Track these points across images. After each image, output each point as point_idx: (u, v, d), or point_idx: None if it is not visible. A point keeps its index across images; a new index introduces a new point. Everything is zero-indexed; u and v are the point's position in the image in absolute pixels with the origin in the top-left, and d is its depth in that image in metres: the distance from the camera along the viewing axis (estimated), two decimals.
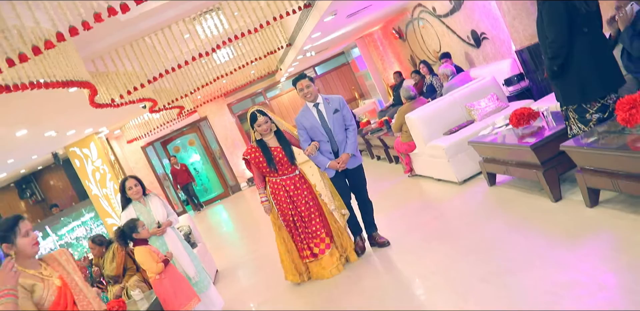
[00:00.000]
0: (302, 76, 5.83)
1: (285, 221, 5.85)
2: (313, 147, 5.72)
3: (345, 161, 5.76)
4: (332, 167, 5.80)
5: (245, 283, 7.27)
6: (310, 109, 5.82)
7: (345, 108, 5.85)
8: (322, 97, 5.84)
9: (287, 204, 5.81)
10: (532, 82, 7.78)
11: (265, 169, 5.79)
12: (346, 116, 5.82)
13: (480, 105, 7.34)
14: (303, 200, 5.84)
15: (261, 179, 5.91)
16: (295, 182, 5.86)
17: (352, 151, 5.81)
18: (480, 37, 9.66)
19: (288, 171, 5.83)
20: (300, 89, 5.79)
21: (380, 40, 15.67)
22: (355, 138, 5.84)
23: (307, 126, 5.79)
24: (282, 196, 5.82)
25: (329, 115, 5.76)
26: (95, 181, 12.95)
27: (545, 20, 4.45)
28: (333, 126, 5.75)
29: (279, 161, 5.76)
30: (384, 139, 10.18)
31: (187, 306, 5.47)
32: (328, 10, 7.85)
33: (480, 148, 6.03)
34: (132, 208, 6.04)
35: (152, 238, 5.91)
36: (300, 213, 5.83)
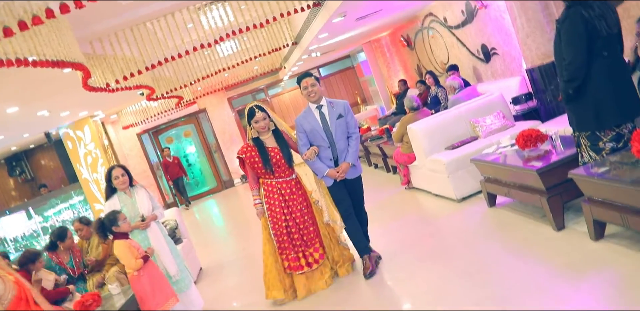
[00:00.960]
0: (308, 74, 5.56)
1: (275, 229, 5.50)
2: (312, 152, 5.43)
3: (345, 171, 5.47)
4: (330, 175, 5.50)
5: (229, 283, 7.12)
6: (312, 111, 5.52)
7: (350, 114, 5.56)
8: (327, 101, 5.55)
9: (282, 208, 5.50)
10: (541, 103, 7.64)
11: (261, 170, 5.50)
12: (350, 123, 5.53)
13: (485, 122, 7.20)
14: (298, 205, 5.54)
15: (255, 181, 5.59)
16: (292, 186, 5.57)
17: (353, 160, 5.52)
18: (490, 52, 9.54)
19: (285, 174, 5.55)
20: (304, 87, 5.49)
21: (388, 46, 15.53)
22: (357, 147, 5.58)
23: (307, 128, 5.49)
24: (277, 199, 5.52)
25: (332, 120, 5.46)
26: (87, 164, 12.79)
27: (563, 40, 4.28)
28: (335, 132, 5.46)
29: (276, 162, 5.46)
30: (383, 148, 10.05)
31: (164, 306, 5.30)
32: (337, 11, 7.67)
33: (482, 167, 5.88)
34: (117, 199, 5.84)
35: (134, 231, 5.73)
36: (295, 218, 5.52)
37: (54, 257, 6.34)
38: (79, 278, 6.43)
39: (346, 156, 5.51)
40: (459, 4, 10.10)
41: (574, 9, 4.22)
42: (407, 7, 10.35)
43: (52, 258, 6.33)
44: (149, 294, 5.26)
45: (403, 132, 7.87)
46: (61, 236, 6.42)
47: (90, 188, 12.85)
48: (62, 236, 6.42)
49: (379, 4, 8.42)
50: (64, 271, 6.32)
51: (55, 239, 6.39)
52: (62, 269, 6.31)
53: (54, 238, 6.40)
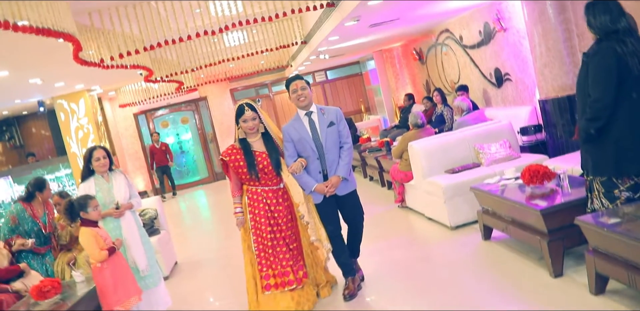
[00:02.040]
0: (298, 77, 5.12)
1: (258, 242, 4.97)
2: (299, 164, 4.91)
3: (334, 185, 4.98)
4: (318, 191, 5.01)
5: (203, 282, 6.89)
6: (301, 119, 5.07)
7: (343, 123, 5.11)
8: (317, 107, 5.11)
9: (267, 219, 4.98)
10: (550, 137, 7.41)
11: (245, 176, 4.98)
12: (342, 132, 5.07)
13: (490, 149, 6.97)
14: (284, 218, 5.04)
15: (238, 187, 5.09)
16: (278, 196, 5.06)
17: (345, 174, 5.01)
18: (503, 76, 9.32)
19: (272, 182, 5.04)
20: (293, 90, 5.02)
21: (399, 58, 15.31)
22: (350, 159, 5.11)
23: (295, 137, 5.01)
24: (262, 209, 5.00)
25: (322, 128, 5.00)
26: (77, 139, 12.53)
27: (591, 75, 3.96)
28: (325, 141, 4.98)
29: (263, 168, 4.96)
30: (380, 161, 9.80)
31: (124, 304, 5.00)
32: (351, 15, 7.36)
33: (482, 197, 5.65)
34: (93, 182, 5.51)
35: (107, 218, 5.43)
36: (280, 231, 5.01)
37: (28, 209, 6.11)
38: (46, 241, 6.22)
39: (337, 169, 5.01)
40: (477, 24, 9.89)
41: (607, 43, 3.93)
42: (424, 20, 10.09)
43: (27, 209, 6.11)
44: (110, 289, 4.98)
45: (403, 148, 7.65)
46: (39, 186, 6.21)
47: (78, 162, 12.51)
48: (41, 186, 6.21)
49: (396, 12, 8.13)
50: (36, 224, 6.11)
51: (32, 190, 6.18)
52: (34, 222, 6.10)
53: (32, 188, 6.18)
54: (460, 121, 8.20)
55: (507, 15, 8.79)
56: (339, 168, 5.02)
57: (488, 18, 9.42)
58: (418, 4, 7.83)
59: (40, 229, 6.16)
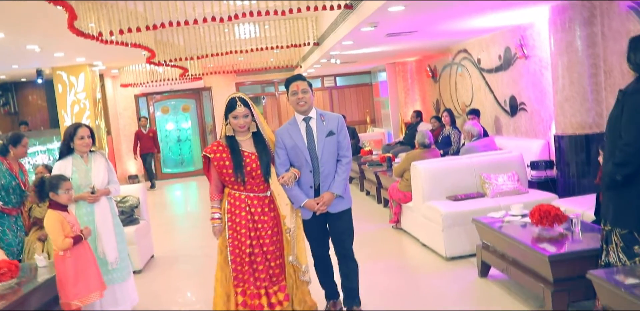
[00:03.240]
0: (301, 77, 4.58)
1: (235, 254, 4.39)
2: (291, 176, 4.41)
3: (327, 203, 4.47)
4: (308, 207, 4.50)
5: (178, 280, 6.60)
6: (298, 124, 4.55)
7: (344, 133, 4.59)
8: (317, 112, 4.59)
9: (248, 230, 4.38)
10: (561, 175, 7.08)
11: (229, 178, 4.38)
12: (342, 143, 4.55)
13: (497, 180, 6.65)
14: (268, 230, 4.44)
15: (219, 190, 4.51)
16: (263, 205, 4.47)
17: (340, 191, 4.50)
18: (518, 105, 9.00)
19: (258, 188, 4.45)
20: (293, 92, 4.50)
21: (412, 73, 15.00)
22: (348, 175, 4.59)
23: (288, 144, 4.50)
24: (243, 217, 4.40)
25: (320, 137, 4.49)
26: (72, 113, 12.28)
27: (626, 115, 3.55)
28: (322, 152, 4.48)
29: (250, 172, 4.36)
30: (380, 177, 9.48)
31: (82, 299, 4.65)
32: (369, 19, 6.95)
33: (484, 231, 5.32)
34: (70, 161, 5.17)
35: (80, 202, 5.07)
36: (262, 245, 4.42)
37: (4, 162, 5.81)
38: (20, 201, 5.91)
39: (332, 185, 4.50)
40: (497, 48, 9.58)
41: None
42: (443, 37, 9.75)
43: (3, 162, 5.80)
44: (70, 280, 4.63)
45: (406, 168, 7.35)
46: (15, 140, 5.90)
47: None
48: (16, 141, 5.90)
49: (415, 23, 7.78)
50: (14, 179, 5.81)
51: (7, 143, 5.87)
52: (12, 176, 5.79)
53: (7, 142, 5.87)
54: (469, 147, 7.89)
55: (531, 43, 8.48)
56: (334, 183, 4.51)
57: (510, 43, 9.10)
58: (440, 18, 7.46)
59: (19, 185, 5.83)
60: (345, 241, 4.66)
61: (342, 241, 4.65)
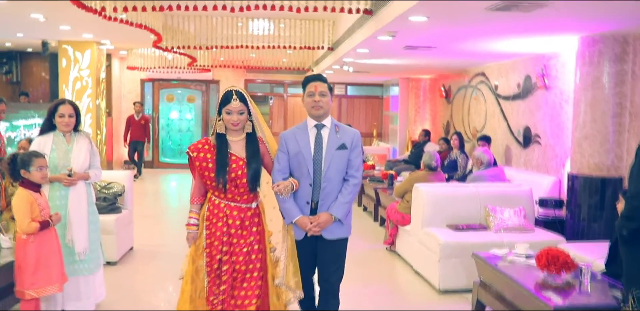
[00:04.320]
0: (321, 78, 4.06)
1: (210, 266, 3.87)
2: (288, 185, 3.86)
3: (322, 225, 3.91)
4: (300, 224, 3.95)
5: (153, 276, 6.30)
6: (308, 130, 4.05)
7: (357, 150, 4.07)
8: (333, 122, 4.09)
9: (221, 243, 3.85)
10: (571, 217, 6.70)
11: (210, 181, 3.86)
12: (353, 162, 4.02)
13: (502, 214, 6.27)
14: (245, 247, 3.87)
15: (201, 192, 4.01)
16: (245, 218, 3.90)
17: (340, 214, 3.95)
18: (532, 137, 8.64)
19: (241, 197, 3.90)
20: (310, 93, 3.99)
21: (425, 90, 14.66)
22: (352, 198, 4.04)
23: (292, 150, 3.99)
24: (219, 228, 3.87)
25: (330, 149, 3.97)
26: (73, 89, 11.96)
27: (636, 166, 3.26)
28: (327, 166, 3.95)
29: (235, 178, 3.83)
30: (379, 194, 9.12)
31: (38, 290, 4.30)
32: (387, 28, 6.56)
33: (483, 268, 4.93)
34: (51, 138, 4.82)
35: (55, 184, 4.72)
36: (233, 263, 3.86)
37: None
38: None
39: (332, 205, 3.95)
40: (517, 75, 9.25)
41: None
42: (462, 57, 9.39)
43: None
44: (29, 268, 4.28)
45: (408, 188, 7.01)
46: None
47: None
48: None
49: (435, 38, 7.40)
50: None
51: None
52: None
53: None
54: (477, 175, 7.52)
55: (554, 73, 8.13)
56: (335, 205, 3.95)
57: (531, 71, 8.76)
58: (461, 36, 7.09)
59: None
60: (332, 276, 4.08)
61: (328, 275, 4.07)
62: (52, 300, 4.75)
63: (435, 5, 5.26)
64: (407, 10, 5.46)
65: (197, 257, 3.93)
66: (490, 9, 5.25)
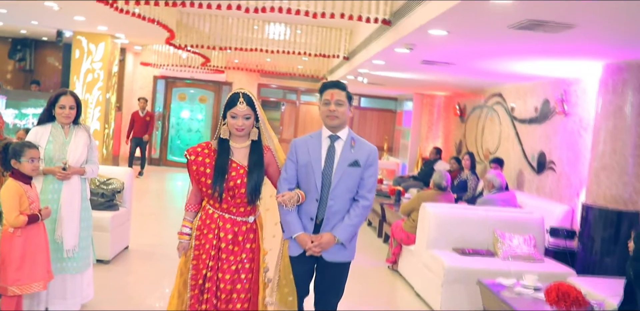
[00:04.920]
0: (340, 85, 3.75)
1: (196, 279, 3.59)
2: (294, 197, 3.58)
3: (323, 246, 3.62)
4: (300, 242, 3.64)
5: (147, 277, 6.13)
6: (321, 140, 3.75)
7: (373, 169, 3.75)
8: (350, 134, 3.77)
9: (209, 257, 3.56)
10: (583, 249, 6.44)
11: (206, 188, 3.58)
12: (366, 181, 3.70)
13: (511, 241, 6.03)
14: (234, 264, 3.56)
15: (198, 199, 3.75)
16: (238, 232, 3.59)
17: (344, 238, 3.64)
18: (547, 164, 8.39)
19: (237, 210, 3.61)
20: (326, 101, 3.69)
21: (439, 108, 14.47)
22: (361, 221, 3.72)
23: (301, 159, 3.70)
24: (209, 241, 3.58)
25: (342, 163, 3.66)
26: (84, 81, 11.87)
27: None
28: (337, 182, 3.64)
29: (233, 188, 3.54)
30: (385, 210, 8.89)
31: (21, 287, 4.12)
32: (405, 40, 6.31)
33: (489, 297, 4.71)
34: (49, 130, 4.65)
35: (48, 176, 4.53)
36: (218, 280, 3.54)
37: None
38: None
39: (337, 226, 3.65)
40: (535, 98, 9.01)
41: None
42: (480, 76, 9.13)
43: None
44: (13, 263, 4.09)
45: (415, 207, 6.80)
46: None
47: None
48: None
49: (455, 54, 7.17)
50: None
51: None
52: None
53: None
54: (488, 199, 7.29)
55: (574, 99, 7.89)
56: (340, 226, 3.64)
57: (551, 95, 8.51)
58: (481, 54, 6.83)
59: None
60: (329, 302, 3.80)
61: (325, 301, 3.79)
62: (36, 298, 4.58)
63: (456, 19, 5.00)
64: (427, 22, 5.22)
65: (185, 269, 3.67)
66: (513, 26, 4.97)
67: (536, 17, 4.56)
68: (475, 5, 4.36)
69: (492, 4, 4.27)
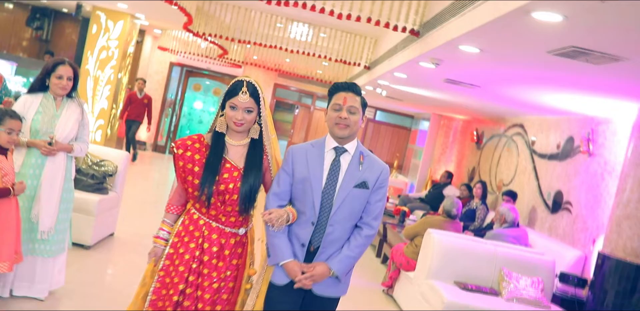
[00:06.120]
0: (354, 88, 3.11)
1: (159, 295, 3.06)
2: (284, 216, 2.97)
3: (316, 278, 3.02)
4: (289, 270, 3.04)
5: (126, 269, 5.84)
6: (324, 151, 3.11)
7: (381, 194, 3.15)
8: (359, 148, 3.17)
9: (188, 270, 3.04)
10: (593, 300, 5.96)
11: (192, 189, 3.06)
12: (372, 207, 3.11)
13: (518, 282, 5.61)
14: (216, 282, 3.06)
15: (181, 199, 3.24)
16: (225, 244, 3.09)
17: (341, 271, 3.06)
18: (562, 204, 7.94)
19: (227, 219, 3.10)
20: (336, 106, 3.07)
21: (456, 131, 14.08)
22: (361, 253, 3.12)
23: (298, 173, 3.08)
24: (190, 251, 3.06)
25: (346, 183, 3.05)
26: (97, 57, 11.52)
27: None
28: (339, 205, 3.03)
29: (223, 192, 3.02)
30: (387, 229, 8.52)
31: None
32: (432, 53, 5.85)
33: None
34: (39, 100, 4.30)
35: (33, 150, 4.20)
36: (197, 299, 3.04)
37: None
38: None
39: (334, 257, 3.07)
40: (559, 134, 8.57)
41: None
42: (504, 103, 8.70)
43: None
44: None
45: (419, 232, 6.45)
46: None
47: (87, 81, 11.50)
48: None
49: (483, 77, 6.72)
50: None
51: None
52: None
53: None
54: (498, 233, 6.87)
55: (601, 140, 7.44)
56: (338, 257, 3.06)
57: (576, 133, 8.06)
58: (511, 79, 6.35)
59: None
60: None
61: None
62: (1, 280, 4.26)
63: (492, 36, 4.52)
64: (459, 37, 4.77)
65: (150, 279, 3.15)
66: (554, 52, 4.47)
67: (583, 44, 4.06)
68: (518, 22, 3.86)
69: (539, 24, 3.77)
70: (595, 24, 3.56)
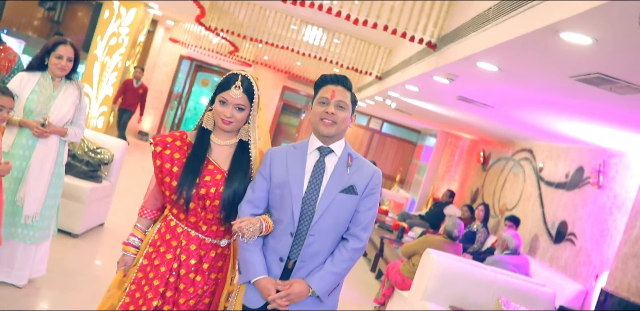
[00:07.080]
0: (343, 80, 2.73)
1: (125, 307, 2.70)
2: (257, 225, 2.59)
3: (292, 298, 2.60)
4: (261, 289, 2.62)
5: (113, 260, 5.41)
6: (307, 153, 2.73)
7: (372, 200, 2.72)
8: (346, 149, 2.76)
9: (163, 284, 2.69)
10: None
11: (170, 192, 2.73)
12: (362, 216, 2.69)
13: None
14: (193, 298, 2.73)
15: (157, 202, 2.89)
16: (204, 257, 2.76)
17: (321, 290, 2.62)
18: (566, 235, 7.70)
19: (208, 228, 2.75)
20: (322, 100, 2.69)
21: (462, 150, 13.85)
22: (347, 269, 2.68)
23: (276, 177, 2.70)
24: (166, 263, 2.71)
25: (332, 188, 2.65)
26: (107, 43, 11.41)
27: None
28: (322, 213, 2.62)
29: (203, 197, 2.68)
30: (385, 244, 8.27)
31: None
32: (447, 68, 5.59)
33: None
34: (37, 78, 4.11)
35: (25, 130, 4.01)
36: None
37: None
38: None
39: (314, 274, 2.64)
40: (568, 163, 8.32)
41: None
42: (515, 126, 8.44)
43: None
44: None
45: (418, 251, 6.21)
46: None
47: (94, 66, 11.42)
48: None
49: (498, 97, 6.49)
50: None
51: None
52: None
53: None
54: (499, 259, 6.63)
55: (612, 173, 7.18)
56: (319, 274, 2.63)
57: (586, 163, 7.80)
58: (529, 101, 6.06)
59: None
60: None
61: None
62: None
63: (514, 54, 4.24)
64: (478, 53, 4.50)
65: (117, 289, 2.80)
66: (577, 77, 4.16)
67: (609, 71, 3.76)
68: (544, 41, 3.58)
69: (567, 45, 3.48)
70: (626, 51, 3.27)
